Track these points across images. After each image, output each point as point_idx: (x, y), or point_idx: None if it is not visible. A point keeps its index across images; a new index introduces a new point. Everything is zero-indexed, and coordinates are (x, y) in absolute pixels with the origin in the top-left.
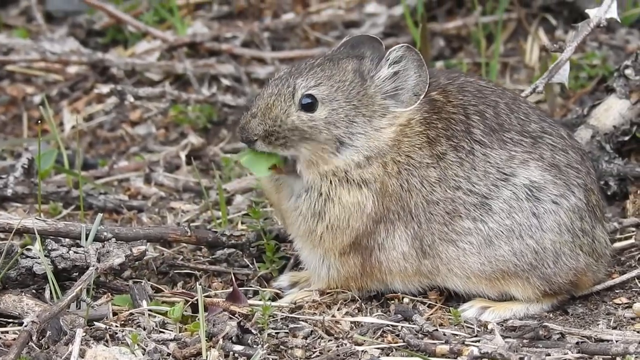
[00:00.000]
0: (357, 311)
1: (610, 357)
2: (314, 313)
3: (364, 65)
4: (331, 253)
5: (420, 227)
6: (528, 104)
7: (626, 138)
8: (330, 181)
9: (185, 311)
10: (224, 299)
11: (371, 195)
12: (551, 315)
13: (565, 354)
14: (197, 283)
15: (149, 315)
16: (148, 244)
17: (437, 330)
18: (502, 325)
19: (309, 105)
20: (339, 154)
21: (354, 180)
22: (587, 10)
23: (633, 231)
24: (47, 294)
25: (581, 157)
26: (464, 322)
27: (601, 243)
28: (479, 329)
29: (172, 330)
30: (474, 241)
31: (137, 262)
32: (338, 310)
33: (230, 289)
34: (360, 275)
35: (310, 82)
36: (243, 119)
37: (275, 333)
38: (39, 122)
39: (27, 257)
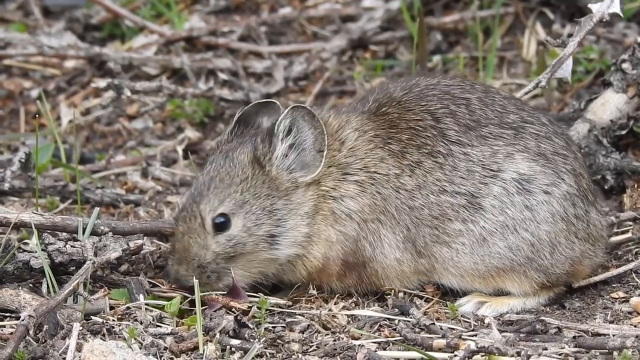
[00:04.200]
0: (354, 305)
1: (607, 351)
2: (311, 307)
3: (258, 151)
4: (330, 280)
5: (410, 231)
6: (502, 95)
7: (623, 132)
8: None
9: (183, 305)
10: (224, 295)
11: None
12: (548, 309)
13: (562, 348)
14: (194, 277)
15: (146, 309)
16: (145, 238)
17: (434, 324)
18: (499, 320)
19: (223, 224)
20: (277, 247)
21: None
22: (589, 5)
23: (630, 225)
24: (44, 288)
25: (566, 142)
26: (461, 316)
27: (596, 226)
28: (475, 323)
29: (169, 325)
30: (466, 242)
31: (134, 256)
32: (335, 304)
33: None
34: (359, 286)
35: (214, 202)
36: (172, 269)
37: (272, 327)
38: (36, 116)
39: (24, 251)
